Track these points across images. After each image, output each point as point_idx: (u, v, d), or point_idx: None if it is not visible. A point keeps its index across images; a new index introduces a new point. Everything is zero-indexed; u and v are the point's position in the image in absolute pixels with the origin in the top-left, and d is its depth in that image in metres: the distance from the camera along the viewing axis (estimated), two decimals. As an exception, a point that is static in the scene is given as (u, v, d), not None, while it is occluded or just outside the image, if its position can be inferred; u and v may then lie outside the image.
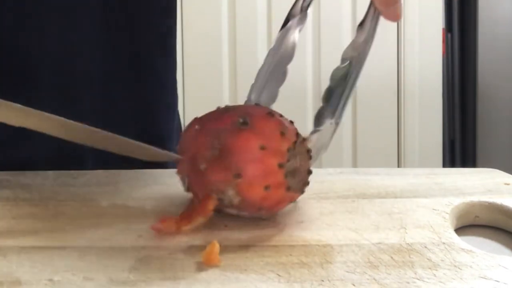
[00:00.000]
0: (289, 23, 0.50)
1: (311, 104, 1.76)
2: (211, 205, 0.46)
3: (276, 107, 0.51)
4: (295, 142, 0.45)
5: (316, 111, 0.51)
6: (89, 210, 0.51)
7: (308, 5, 0.50)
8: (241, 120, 0.44)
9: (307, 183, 0.47)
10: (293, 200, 0.48)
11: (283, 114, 0.47)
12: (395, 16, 0.48)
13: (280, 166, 0.44)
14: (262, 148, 0.43)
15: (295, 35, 0.50)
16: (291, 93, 1.72)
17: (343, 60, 0.49)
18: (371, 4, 0.49)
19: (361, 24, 0.49)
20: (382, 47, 1.77)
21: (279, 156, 0.44)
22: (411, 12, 1.79)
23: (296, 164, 0.45)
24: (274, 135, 0.44)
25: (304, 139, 0.46)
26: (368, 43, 0.49)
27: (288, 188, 0.45)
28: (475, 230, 0.51)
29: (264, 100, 0.51)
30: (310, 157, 0.46)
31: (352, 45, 0.49)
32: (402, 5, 0.48)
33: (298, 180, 0.46)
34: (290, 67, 0.50)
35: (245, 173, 0.43)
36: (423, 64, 1.81)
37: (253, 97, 0.50)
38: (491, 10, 1.82)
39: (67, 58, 0.63)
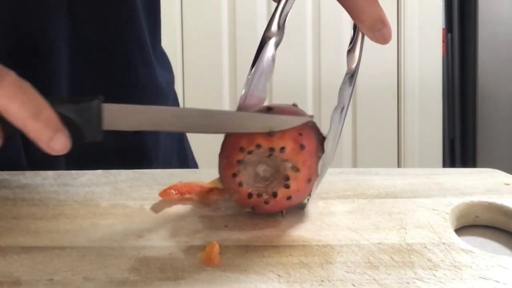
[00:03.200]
0: (267, 44, 0.49)
1: (311, 104, 1.76)
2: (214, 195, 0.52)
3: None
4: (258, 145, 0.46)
5: (315, 111, 0.51)
6: (89, 210, 0.51)
7: (285, 21, 0.49)
8: None
9: (275, 195, 0.47)
10: (245, 198, 0.47)
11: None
12: (382, 39, 0.47)
13: (241, 149, 0.46)
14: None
15: (273, 52, 0.49)
16: (291, 93, 1.72)
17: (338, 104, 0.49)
18: (358, 29, 0.48)
19: (351, 49, 0.49)
20: (382, 47, 1.76)
21: (244, 142, 0.46)
22: (411, 12, 1.78)
23: (259, 167, 0.47)
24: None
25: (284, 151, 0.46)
26: (358, 66, 0.49)
27: (240, 184, 0.47)
28: (475, 230, 0.51)
29: None
30: (286, 179, 0.46)
31: (347, 75, 0.49)
32: (390, 28, 0.47)
33: (262, 184, 0.47)
34: (291, 67, 0.50)
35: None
36: (423, 64, 1.80)
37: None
38: (491, 10, 1.82)
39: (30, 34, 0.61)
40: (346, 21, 1.76)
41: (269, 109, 0.48)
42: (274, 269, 0.41)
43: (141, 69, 0.68)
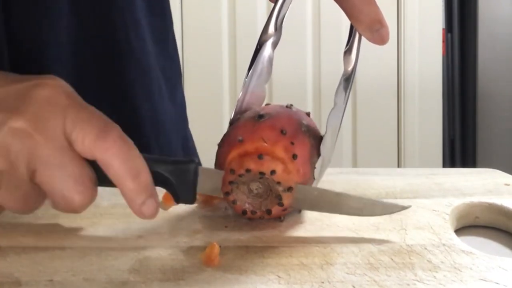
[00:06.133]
0: (264, 46, 0.49)
1: (311, 104, 1.76)
2: (217, 200, 0.51)
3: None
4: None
5: (315, 111, 0.51)
6: (89, 210, 0.51)
7: (282, 22, 0.49)
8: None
9: (269, 212, 0.47)
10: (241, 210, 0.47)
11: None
12: (380, 40, 0.47)
13: (231, 171, 0.46)
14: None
15: (270, 53, 0.49)
16: (291, 93, 1.72)
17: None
18: (355, 30, 0.48)
19: (347, 51, 0.49)
20: (382, 47, 1.76)
21: (235, 165, 0.46)
22: (411, 12, 1.78)
23: (252, 185, 0.46)
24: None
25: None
26: (355, 68, 0.49)
27: (234, 202, 0.47)
28: (475, 231, 0.51)
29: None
30: (279, 198, 0.46)
31: (343, 77, 0.49)
32: (388, 28, 0.47)
33: (256, 200, 0.47)
34: (291, 67, 0.50)
35: None
36: (423, 64, 1.80)
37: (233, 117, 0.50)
38: (491, 10, 1.82)
39: (35, 45, 0.60)
40: (346, 21, 1.75)
41: (260, 117, 0.47)
42: (274, 270, 0.41)
43: (134, 42, 0.67)
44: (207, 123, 1.73)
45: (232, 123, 0.49)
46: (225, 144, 0.47)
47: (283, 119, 0.47)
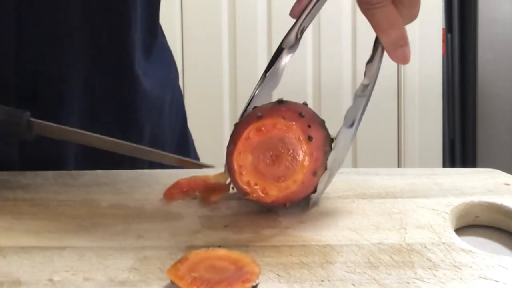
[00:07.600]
0: (282, 52, 0.51)
1: (311, 104, 1.77)
2: (216, 197, 0.52)
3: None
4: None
5: (316, 111, 0.51)
6: (89, 210, 0.51)
7: (302, 35, 0.51)
8: None
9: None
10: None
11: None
12: (403, 58, 0.48)
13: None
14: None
15: (285, 61, 0.51)
16: (291, 94, 1.72)
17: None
18: (379, 43, 0.49)
19: (370, 61, 0.50)
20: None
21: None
22: (411, 12, 1.78)
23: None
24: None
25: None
26: (373, 81, 0.50)
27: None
28: (475, 230, 0.51)
29: None
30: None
31: (364, 81, 0.50)
32: (410, 49, 0.48)
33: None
34: (291, 67, 0.51)
35: None
36: (423, 64, 1.80)
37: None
38: (491, 10, 1.82)
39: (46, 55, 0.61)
40: (346, 22, 1.76)
41: (281, 102, 0.49)
42: (274, 269, 0.41)
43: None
44: (207, 123, 1.73)
45: (243, 115, 0.50)
46: (243, 121, 0.48)
47: (302, 107, 0.49)
